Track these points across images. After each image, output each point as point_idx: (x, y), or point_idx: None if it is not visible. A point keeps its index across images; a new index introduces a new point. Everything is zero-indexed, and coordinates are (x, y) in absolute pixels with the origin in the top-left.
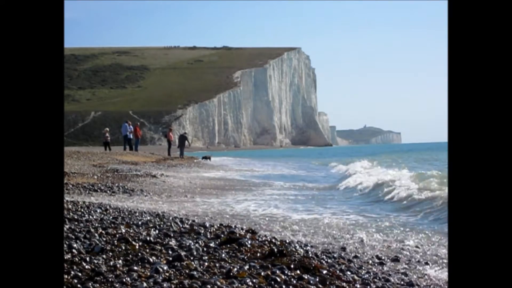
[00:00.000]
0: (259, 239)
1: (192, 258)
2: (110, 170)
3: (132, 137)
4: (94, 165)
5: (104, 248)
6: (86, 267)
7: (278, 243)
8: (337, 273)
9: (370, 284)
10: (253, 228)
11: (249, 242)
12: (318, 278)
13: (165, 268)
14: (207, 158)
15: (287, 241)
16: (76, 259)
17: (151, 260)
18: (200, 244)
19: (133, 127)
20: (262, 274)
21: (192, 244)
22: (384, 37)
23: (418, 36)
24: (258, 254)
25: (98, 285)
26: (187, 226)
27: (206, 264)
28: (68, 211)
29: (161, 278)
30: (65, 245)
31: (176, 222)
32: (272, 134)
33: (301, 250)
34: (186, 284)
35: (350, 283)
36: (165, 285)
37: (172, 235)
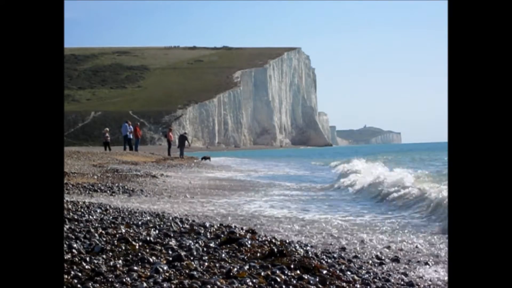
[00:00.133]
0: (259, 239)
1: (192, 258)
2: (110, 170)
3: (132, 137)
4: (94, 165)
5: (104, 248)
6: (86, 267)
7: (278, 243)
8: (337, 273)
9: (370, 284)
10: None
11: (249, 242)
12: (318, 278)
13: (165, 268)
14: (207, 159)
15: (287, 241)
16: (76, 259)
17: (151, 260)
18: (200, 244)
19: (133, 127)
20: (262, 274)
21: (192, 244)
22: (384, 37)
23: (418, 36)
24: (258, 254)
25: (98, 285)
26: (187, 226)
27: (206, 264)
28: (68, 211)
29: (161, 278)
30: (65, 245)
31: (176, 222)
32: (272, 134)
33: (301, 250)
34: (186, 284)
35: (350, 283)
36: (165, 285)
37: (172, 235)
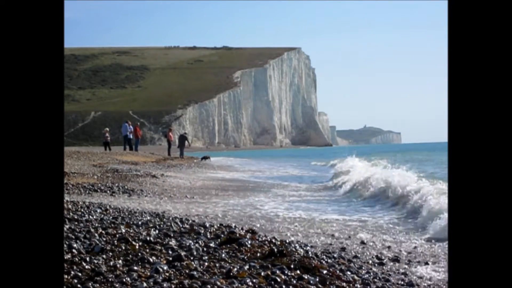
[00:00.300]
0: (259, 239)
1: (192, 258)
2: (110, 170)
3: (132, 137)
4: (94, 165)
5: (104, 248)
6: (86, 267)
7: (278, 243)
8: (337, 273)
9: (370, 284)
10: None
11: (249, 242)
12: (318, 278)
13: (165, 268)
14: (207, 158)
15: (287, 241)
16: (76, 259)
17: (151, 260)
18: (200, 244)
19: (133, 127)
20: (262, 274)
21: (192, 244)
22: (384, 37)
23: (418, 36)
24: (258, 254)
25: (98, 285)
26: (187, 226)
27: (206, 264)
28: (68, 211)
29: (161, 278)
30: (65, 245)
31: (176, 222)
32: (272, 134)
33: (301, 250)
34: (186, 284)
35: (350, 283)
36: (165, 285)
37: (172, 235)
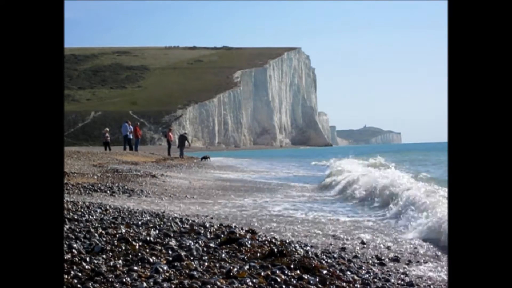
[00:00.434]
0: (259, 239)
1: (192, 258)
2: (110, 170)
3: (132, 137)
4: (94, 165)
5: (104, 248)
6: (86, 267)
7: (278, 243)
8: (337, 273)
9: (370, 284)
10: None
11: (249, 242)
12: (318, 278)
13: (165, 268)
14: (207, 158)
15: (287, 241)
16: (76, 259)
17: (151, 260)
18: (200, 244)
19: (133, 127)
20: (262, 274)
21: (192, 244)
22: (384, 37)
23: (418, 36)
24: (258, 254)
25: (98, 285)
26: (187, 226)
27: (206, 264)
28: (68, 211)
29: (161, 278)
30: (65, 245)
31: (176, 222)
32: (272, 134)
33: (301, 250)
34: (186, 284)
35: (350, 283)
36: (165, 285)
37: (172, 235)
